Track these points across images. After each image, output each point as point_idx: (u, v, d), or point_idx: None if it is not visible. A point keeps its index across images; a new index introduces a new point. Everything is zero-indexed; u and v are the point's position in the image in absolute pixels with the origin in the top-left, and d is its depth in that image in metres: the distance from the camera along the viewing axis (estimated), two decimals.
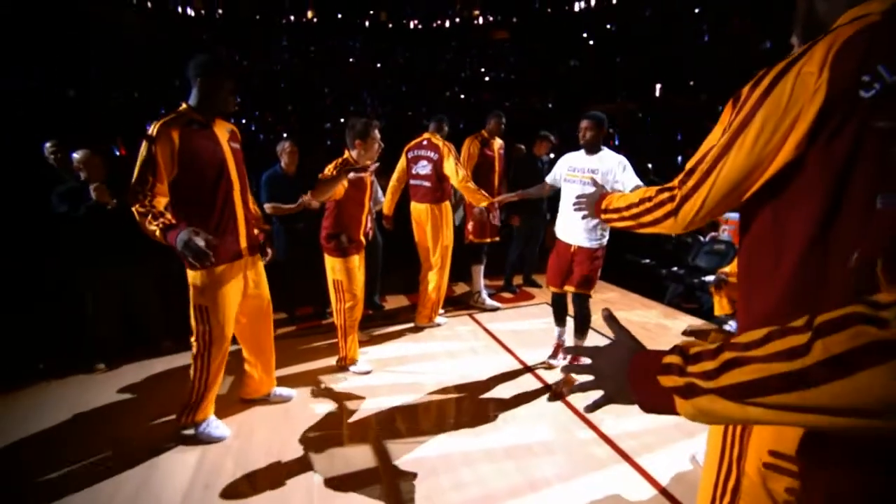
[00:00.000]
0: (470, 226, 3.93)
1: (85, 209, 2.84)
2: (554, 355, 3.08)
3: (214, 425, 2.33)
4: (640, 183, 2.59)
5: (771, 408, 0.58)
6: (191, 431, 2.31)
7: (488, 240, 4.01)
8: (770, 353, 0.59)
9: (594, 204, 1.34)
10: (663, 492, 1.91)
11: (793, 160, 0.78)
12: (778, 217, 0.84)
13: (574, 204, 1.49)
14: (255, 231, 2.32)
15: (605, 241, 2.75)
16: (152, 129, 1.91)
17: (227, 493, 1.97)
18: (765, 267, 0.90)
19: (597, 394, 0.78)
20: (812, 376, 0.54)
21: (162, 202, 1.93)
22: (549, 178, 2.97)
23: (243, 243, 2.19)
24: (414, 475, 2.04)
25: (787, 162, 0.79)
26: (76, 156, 2.89)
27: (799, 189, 0.80)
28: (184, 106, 2.03)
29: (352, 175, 2.45)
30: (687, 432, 2.30)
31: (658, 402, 0.69)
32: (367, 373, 2.96)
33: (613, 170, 2.62)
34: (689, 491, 1.89)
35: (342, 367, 3.02)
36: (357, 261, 2.91)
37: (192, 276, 2.09)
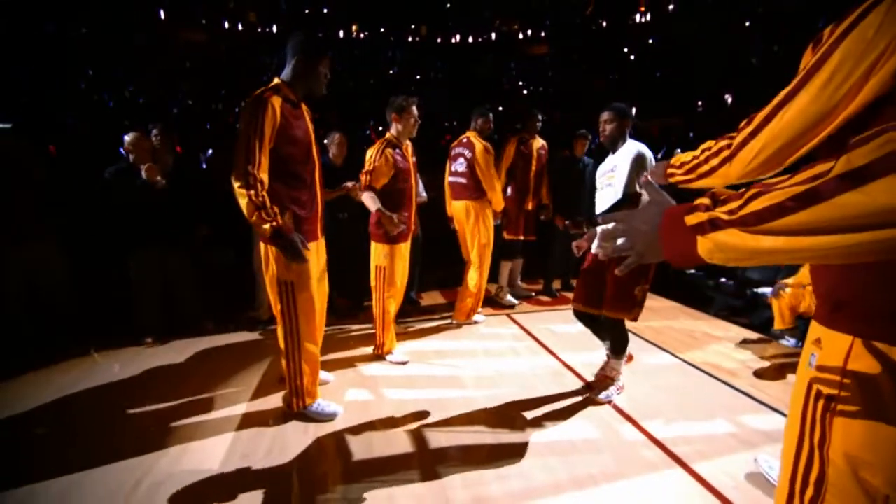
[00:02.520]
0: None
1: (135, 190, 2.98)
2: (600, 387, 2.64)
3: (325, 403, 2.32)
4: (625, 180, 2.29)
5: (783, 233, 0.57)
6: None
7: (521, 237, 3.99)
8: (794, 181, 0.58)
9: (662, 170, 1.31)
10: (722, 499, 1.76)
11: (876, 99, 0.69)
12: None
13: (644, 183, 1.43)
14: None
15: None
16: (255, 100, 1.85)
17: (264, 465, 1.96)
18: None
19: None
20: (827, 190, 0.53)
21: (265, 181, 1.87)
22: None
23: (318, 225, 2.21)
24: (454, 463, 1.98)
25: (867, 102, 0.70)
26: (126, 138, 3.03)
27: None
28: (277, 80, 2.00)
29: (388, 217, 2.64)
30: (745, 441, 2.13)
31: (681, 246, 0.69)
32: (405, 363, 2.93)
33: (625, 160, 2.33)
34: (751, 500, 1.74)
35: (378, 356, 3.00)
36: (404, 249, 2.91)
37: (276, 253, 2.00)
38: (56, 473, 1.89)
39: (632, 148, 2.35)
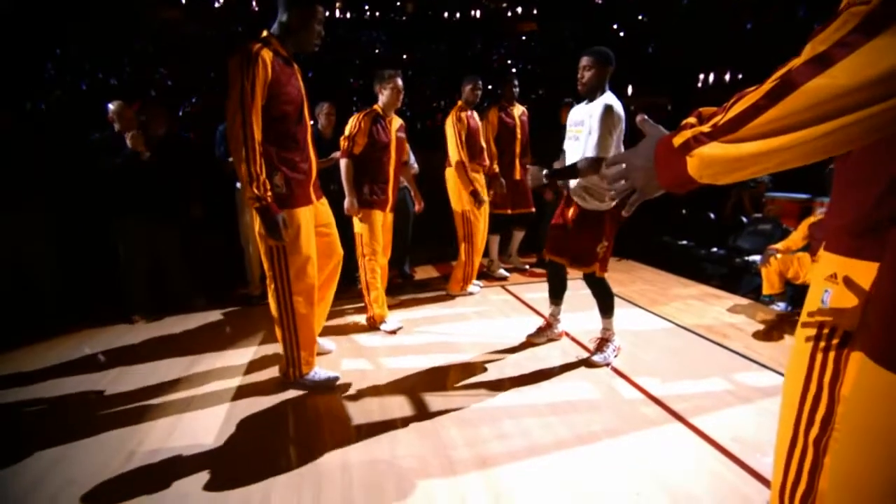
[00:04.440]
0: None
1: (121, 159, 2.88)
2: (537, 333, 2.77)
3: (322, 371, 2.27)
4: (596, 140, 2.16)
5: (761, 136, 0.55)
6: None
7: (509, 211, 3.93)
8: (767, 81, 0.56)
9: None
10: (722, 450, 1.78)
11: None
12: None
13: (639, 122, 1.19)
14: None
15: (604, 205, 2.32)
16: (244, 54, 1.75)
17: (262, 434, 1.93)
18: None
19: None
20: (794, 80, 0.52)
21: (259, 142, 1.82)
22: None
23: (312, 188, 2.14)
24: (454, 424, 1.96)
25: None
26: (111, 107, 2.94)
27: None
28: (265, 33, 1.90)
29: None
30: (742, 397, 2.16)
31: (673, 170, 0.68)
32: (396, 331, 2.92)
33: (595, 116, 2.17)
34: (749, 450, 1.76)
35: (371, 325, 2.98)
36: (380, 216, 2.89)
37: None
38: (47, 444, 1.84)
39: (601, 101, 2.18)
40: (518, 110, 3.88)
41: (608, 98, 2.22)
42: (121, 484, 1.63)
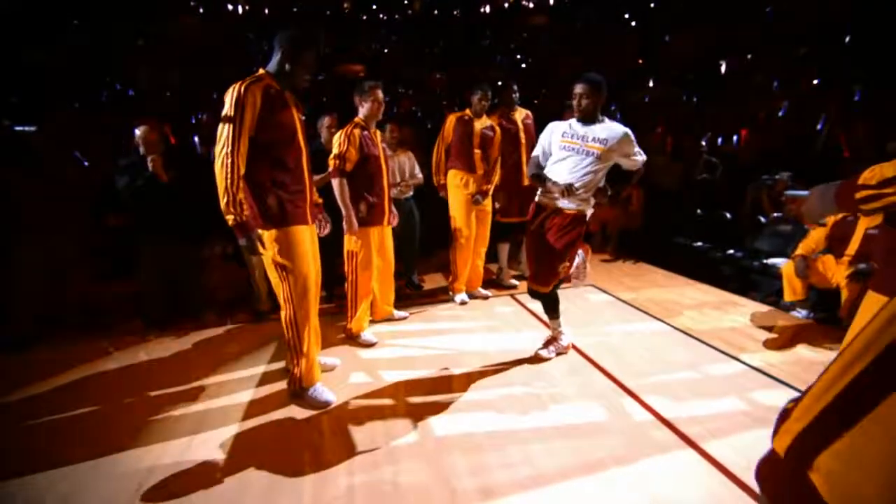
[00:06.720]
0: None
1: (143, 181, 2.96)
2: (545, 347, 2.72)
3: (321, 390, 2.31)
4: (643, 158, 2.44)
5: None
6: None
7: (517, 219, 3.81)
8: None
9: (833, 198, 1.21)
10: (738, 482, 1.71)
11: None
12: None
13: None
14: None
15: (587, 210, 2.41)
16: (235, 90, 1.87)
17: (268, 453, 1.94)
18: None
19: None
20: None
21: (241, 167, 1.90)
22: (537, 153, 2.58)
23: (308, 210, 2.20)
24: (459, 451, 1.93)
25: None
26: (137, 132, 3.04)
27: None
28: (262, 71, 2.02)
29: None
30: (758, 419, 2.08)
31: None
32: (372, 345, 2.93)
33: (621, 141, 2.33)
34: None
35: (348, 335, 3.00)
36: (377, 236, 2.89)
37: (269, 236, 2.05)
38: (63, 463, 1.88)
39: (623, 127, 2.37)
40: (521, 114, 3.78)
41: (619, 125, 2.39)
42: None
